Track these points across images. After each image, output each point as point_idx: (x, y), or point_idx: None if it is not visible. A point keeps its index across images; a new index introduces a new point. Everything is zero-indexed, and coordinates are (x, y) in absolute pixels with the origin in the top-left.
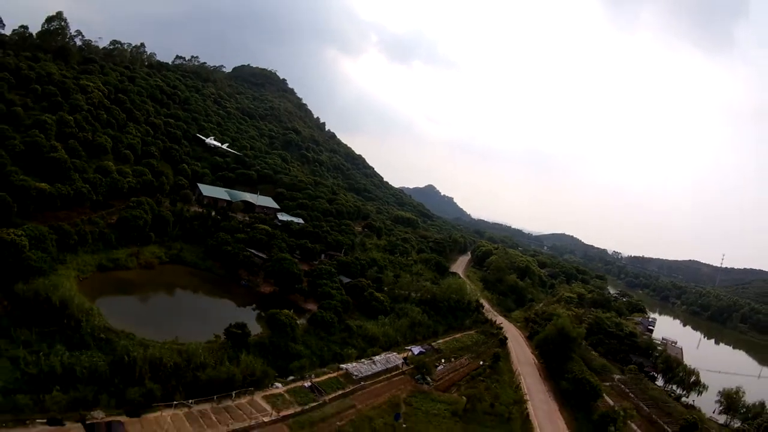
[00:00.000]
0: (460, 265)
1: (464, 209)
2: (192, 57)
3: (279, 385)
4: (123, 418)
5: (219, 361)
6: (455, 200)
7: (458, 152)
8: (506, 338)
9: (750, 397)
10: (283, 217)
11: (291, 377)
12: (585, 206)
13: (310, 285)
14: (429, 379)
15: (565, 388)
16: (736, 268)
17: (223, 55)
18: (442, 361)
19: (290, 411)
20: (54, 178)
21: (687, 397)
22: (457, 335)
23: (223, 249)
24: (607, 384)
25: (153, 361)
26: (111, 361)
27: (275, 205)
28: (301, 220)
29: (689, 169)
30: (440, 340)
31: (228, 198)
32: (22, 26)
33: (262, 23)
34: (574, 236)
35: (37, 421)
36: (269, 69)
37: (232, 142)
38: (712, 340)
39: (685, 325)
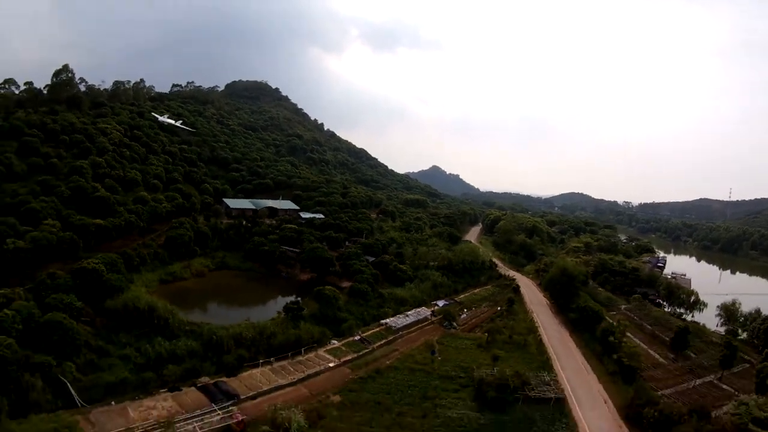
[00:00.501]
0: (472, 235)
1: (472, 184)
2: (188, 83)
3: (335, 341)
4: (224, 378)
5: (284, 331)
6: (461, 177)
7: (457, 131)
8: (519, 287)
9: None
10: (305, 215)
11: (343, 336)
12: (591, 164)
13: (342, 267)
14: (455, 324)
15: (573, 318)
16: (746, 200)
17: (212, 71)
18: (465, 310)
19: (348, 357)
20: (102, 214)
21: (689, 316)
22: (475, 290)
23: (260, 250)
24: (613, 313)
25: (235, 337)
26: (202, 342)
27: (295, 207)
28: (321, 215)
29: (689, 111)
30: (461, 296)
31: (253, 207)
32: (27, 83)
33: (242, 36)
34: (584, 193)
35: (160, 391)
36: (260, 80)
37: (242, 156)
38: (728, 271)
39: (699, 261)
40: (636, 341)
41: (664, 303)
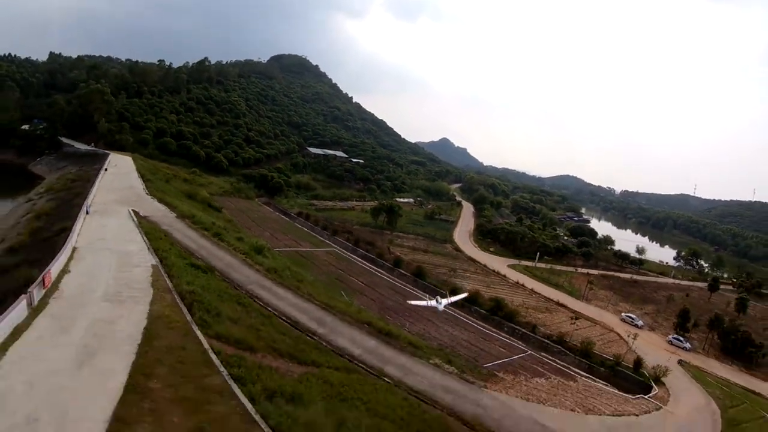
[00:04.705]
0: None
1: (477, 158)
2: (247, 60)
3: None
4: None
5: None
6: (468, 150)
7: (469, 106)
8: (462, 205)
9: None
10: (354, 160)
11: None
12: (592, 151)
13: (375, 184)
14: (424, 205)
15: (479, 209)
16: (722, 199)
17: (237, 37)
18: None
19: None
20: (257, 148)
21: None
22: (440, 203)
23: (335, 172)
24: (505, 219)
25: None
26: None
27: (346, 156)
28: (362, 161)
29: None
30: (430, 204)
31: (323, 153)
32: (180, 66)
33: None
34: (578, 177)
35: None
36: (302, 56)
37: (306, 122)
38: (638, 235)
39: (635, 233)
40: (501, 221)
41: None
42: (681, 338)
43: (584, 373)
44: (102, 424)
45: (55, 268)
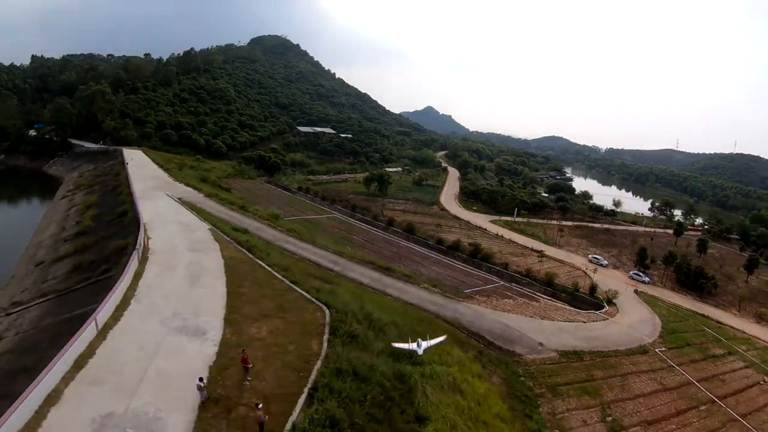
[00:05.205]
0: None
1: (462, 125)
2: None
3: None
4: None
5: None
6: (453, 117)
7: (452, 72)
8: (448, 171)
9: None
10: (342, 135)
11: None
12: (579, 111)
13: (364, 156)
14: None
15: (463, 174)
16: (706, 152)
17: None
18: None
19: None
20: (250, 131)
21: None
22: (426, 170)
23: (326, 148)
24: (487, 180)
25: None
26: None
27: (334, 131)
28: (350, 135)
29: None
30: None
31: (312, 131)
32: (169, 58)
33: None
34: (564, 137)
35: None
36: (281, 35)
37: (293, 102)
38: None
39: (620, 188)
40: (483, 183)
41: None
42: (640, 273)
43: (547, 297)
44: (221, 309)
45: (140, 236)
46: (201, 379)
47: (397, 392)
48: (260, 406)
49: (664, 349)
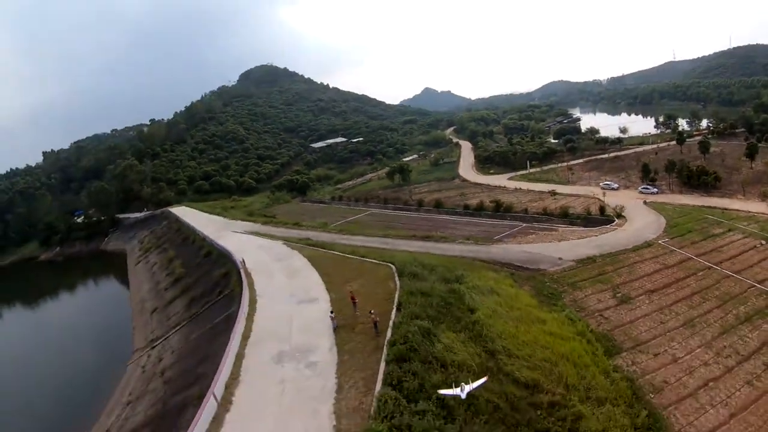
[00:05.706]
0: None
1: (463, 96)
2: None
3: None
4: None
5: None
6: (452, 91)
7: (438, 48)
8: (458, 143)
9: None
10: (354, 140)
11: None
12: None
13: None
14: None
15: (475, 144)
16: (707, 54)
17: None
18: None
19: None
20: (268, 161)
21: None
22: (439, 150)
23: (342, 156)
24: (498, 143)
25: None
26: None
27: (345, 139)
28: (361, 138)
29: None
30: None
31: (324, 144)
32: (176, 117)
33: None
34: (565, 80)
35: None
36: (268, 64)
37: (299, 123)
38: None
39: (629, 114)
40: (495, 147)
41: None
42: (648, 186)
43: (564, 225)
44: (321, 284)
45: (237, 259)
46: (332, 312)
47: (453, 298)
48: (373, 311)
49: (667, 239)
